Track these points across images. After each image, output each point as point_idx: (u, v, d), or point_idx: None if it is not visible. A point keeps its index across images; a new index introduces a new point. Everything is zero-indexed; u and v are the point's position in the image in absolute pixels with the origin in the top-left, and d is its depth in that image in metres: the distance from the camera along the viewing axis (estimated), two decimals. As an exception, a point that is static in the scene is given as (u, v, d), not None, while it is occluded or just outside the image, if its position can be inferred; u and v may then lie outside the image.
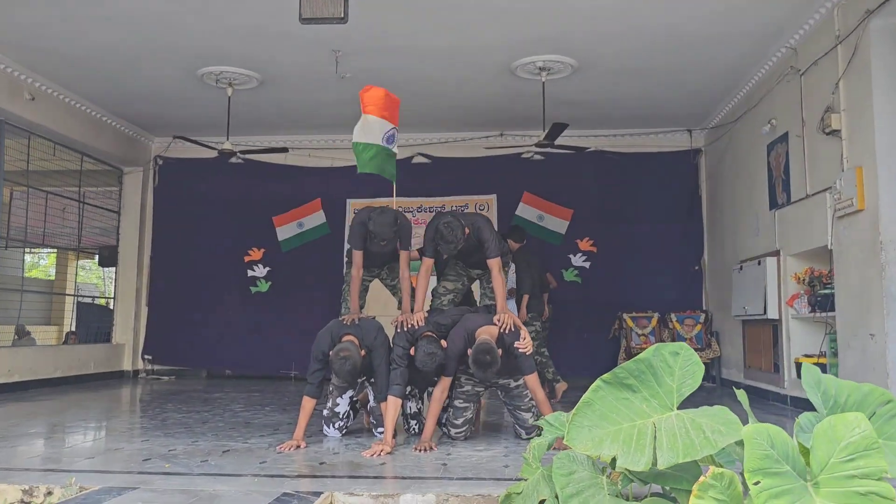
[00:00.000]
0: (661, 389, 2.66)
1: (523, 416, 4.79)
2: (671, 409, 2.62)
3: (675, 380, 2.67)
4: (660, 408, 2.64)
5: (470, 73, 7.59)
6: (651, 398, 2.66)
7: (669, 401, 2.64)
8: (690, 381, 2.64)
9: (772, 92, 7.14)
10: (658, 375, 2.68)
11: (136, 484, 3.30)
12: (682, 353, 2.70)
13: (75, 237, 9.81)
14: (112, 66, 7.46)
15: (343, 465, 3.80)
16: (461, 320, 4.60)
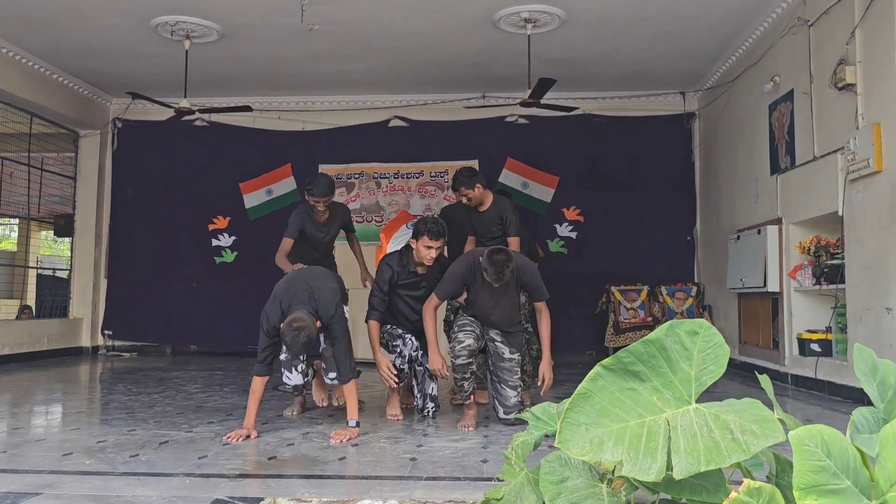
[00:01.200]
0: (676, 378, 2.12)
1: (507, 394, 4.36)
2: (688, 402, 2.08)
3: (694, 365, 2.12)
4: (674, 401, 2.10)
5: (449, 24, 6.98)
6: (663, 388, 2.12)
7: (686, 392, 2.10)
8: (713, 366, 2.10)
9: (775, 46, 6.60)
10: (672, 360, 2.13)
11: (40, 488, 2.75)
12: (703, 333, 2.15)
13: (30, 206, 9.14)
14: (56, 13, 6.76)
15: (295, 462, 3.26)
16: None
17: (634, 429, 2.08)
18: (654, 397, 2.13)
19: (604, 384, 2.17)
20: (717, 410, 2.03)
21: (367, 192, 9.40)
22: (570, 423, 2.11)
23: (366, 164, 9.41)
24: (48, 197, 9.56)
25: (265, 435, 3.88)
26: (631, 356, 2.17)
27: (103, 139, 9.63)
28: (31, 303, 11.20)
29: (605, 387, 2.17)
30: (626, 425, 2.09)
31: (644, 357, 2.15)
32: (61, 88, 8.66)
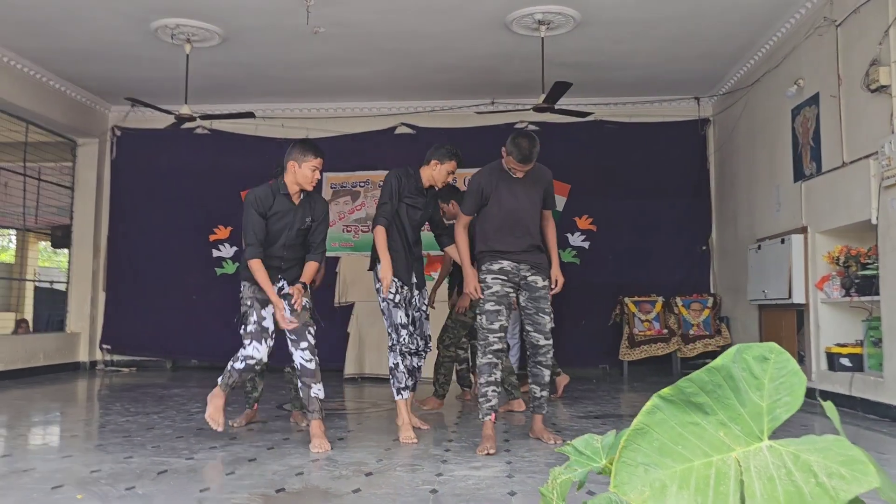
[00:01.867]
0: (745, 410, 1.84)
1: (543, 320, 4.24)
2: (760, 439, 1.82)
3: (765, 396, 1.85)
4: (744, 437, 1.83)
5: (459, 26, 6.74)
6: (731, 423, 1.84)
7: (758, 427, 1.82)
8: (788, 397, 1.81)
9: (798, 48, 6.35)
10: (740, 390, 1.86)
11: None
12: (774, 359, 1.87)
13: (27, 217, 8.89)
14: (51, 16, 6.53)
15: (306, 496, 2.99)
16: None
17: (700, 470, 1.80)
18: (720, 433, 1.85)
19: (663, 418, 1.89)
20: (795, 449, 1.74)
21: (373, 200, 9.14)
22: (627, 463, 1.83)
23: (372, 172, 9.15)
24: (45, 207, 9.32)
25: (272, 462, 3.60)
26: (693, 386, 1.89)
27: (101, 148, 9.39)
28: (28, 316, 10.93)
29: (664, 421, 1.89)
30: (690, 466, 1.81)
31: (708, 387, 1.87)
32: (58, 95, 8.42)
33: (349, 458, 3.70)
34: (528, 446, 4.06)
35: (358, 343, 7.84)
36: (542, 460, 3.66)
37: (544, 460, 3.66)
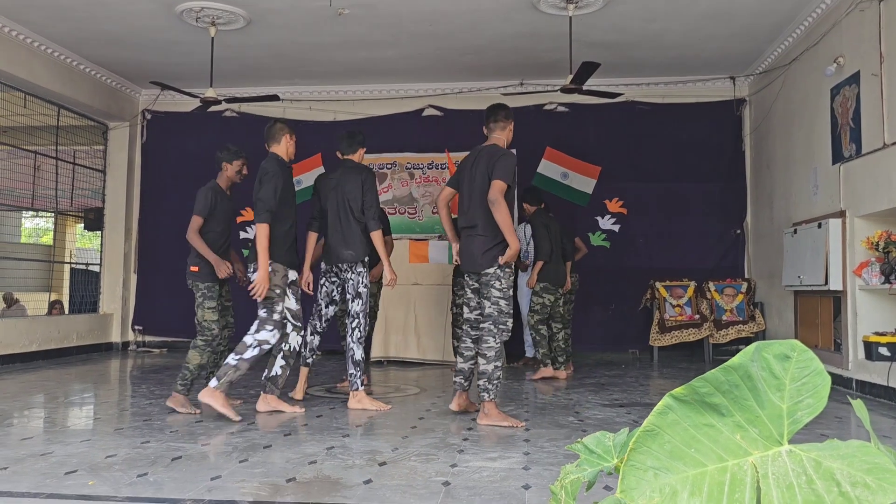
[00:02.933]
0: (764, 412, 1.73)
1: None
2: (780, 443, 1.71)
3: (786, 398, 1.73)
4: (762, 440, 1.72)
5: (486, 6, 6.59)
6: (748, 425, 1.73)
7: (777, 430, 1.71)
8: (810, 399, 1.70)
9: (839, 25, 6.09)
10: (759, 391, 1.74)
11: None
12: (796, 357, 1.75)
13: (63, 199, 9.02)
14: (79, 1, 6.54)
15: (316, 486, 2.95)
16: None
17: (714, 475, 1.70)
18: (737, 436, 1.74)
19: (675, 419, 1.78)
20: (817, 455, 1.63)
21: (400, 182, 9.09)
22: (635, 466, 1.74)
23: (398, 154, 9.09)
24: (79, 190, 9.43)
25: (286, 450, 3.57)
26: (708, 385, 1.77)
27: (132, 131, 9.46)
28: (64, 297, 11.11)
29: (676, 422, 1.78)
30: (704, 471, 1.71)
31: (724, 387, 1.76)
32: (89, 79, 8.48)
33: (364, 447, 3.66)
34: (548, 436, 3.98)
35: (385, 327, 7.80)
36: (561, 451, 3.58)
37: (563, 451, 3.58)
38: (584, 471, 2.19)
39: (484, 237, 4.40)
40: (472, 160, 4.55)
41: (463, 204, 4.56)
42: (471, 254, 4.46)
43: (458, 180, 4.61)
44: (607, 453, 2.29)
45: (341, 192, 4.97)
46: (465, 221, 4.51)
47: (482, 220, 4.41)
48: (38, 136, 8.79)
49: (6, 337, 7.33)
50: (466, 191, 4.51)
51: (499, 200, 4.25)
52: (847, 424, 4.50)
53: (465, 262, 4.53)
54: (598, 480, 2.06)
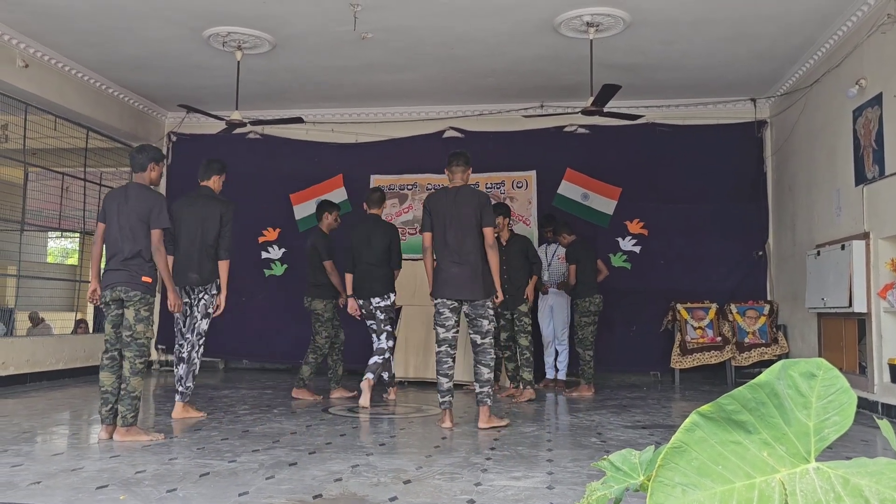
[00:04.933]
0: (791, 430, 1.75)
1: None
2: (806, 460, 1.72)
3: (812, 415, 1.75)
4: (789, 458, 1.73)
5: (507, 30, 6.68)
6: (775, 443, 1.75)
7: (804, 447, 1.73)
8: (837, 417, 1.72)
9: (860, 47, 6.11)
10: (785, 409, 1.76)
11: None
12: (822, 376, 1.77)
13: (90, 220, 9.17)
14: (109, 26, 6.72)
15: (342, 502, 2.98)
16: None
17: (742, 492, 1.72)
18: (763, 453, 1.76)
19: (702, 436, 1.81)
20: (845, 472, 1.65)
21: (420, 203, 9.15)
22: (664, 482, 1.76)
23: (419, 176, 9.17)
24: (104, 211, 9.58)
25: (312, 467, 3.61)
26: (735, 403, 1.80)
27: (158, 153, 9.61)
28: (88, 317, 11.26)
29: (703, 439, 1.81)
30: (731, 487, 1.73)
31: (751, 404, 1.78)
32: (116, 102, 8.67)
33: (389, 465, 3.69)
34: (571, 456, 3.98)
35: (405, 347, 7.83)
36: (584, 471, 3.58)
37: (587, 471, 3.58)
38: (611, 487, 2.21)
39: (479, 271, 4.98)
40: (450, 200, 5.05)
41: (448, 238, 5.00)
42: (465, 282, 4.95)
43: (434, 220, 5.08)
44: (633, 470, 2.32)
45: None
46: (455, 255, 4.97)
47: (476, 256, 4.98)
48: (67, 157, 8.97)
49: (34, 355, 7.45)
50: (454, 226, 4.99)
51: (494, 247, 5.01)
52: (873, 447, 4.46)
53: (456, 290, 4.97)
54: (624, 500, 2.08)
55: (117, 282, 4.42)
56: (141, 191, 4.57)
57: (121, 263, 4.43)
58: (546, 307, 7.78)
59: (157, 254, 4.48)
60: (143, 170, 4.65)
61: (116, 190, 4.73)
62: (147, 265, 4.48)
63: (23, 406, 5.79)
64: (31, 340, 7.71)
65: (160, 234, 4.50)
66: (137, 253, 4.44)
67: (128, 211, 4.48)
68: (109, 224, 4.55)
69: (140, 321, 4.42)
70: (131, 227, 4.45)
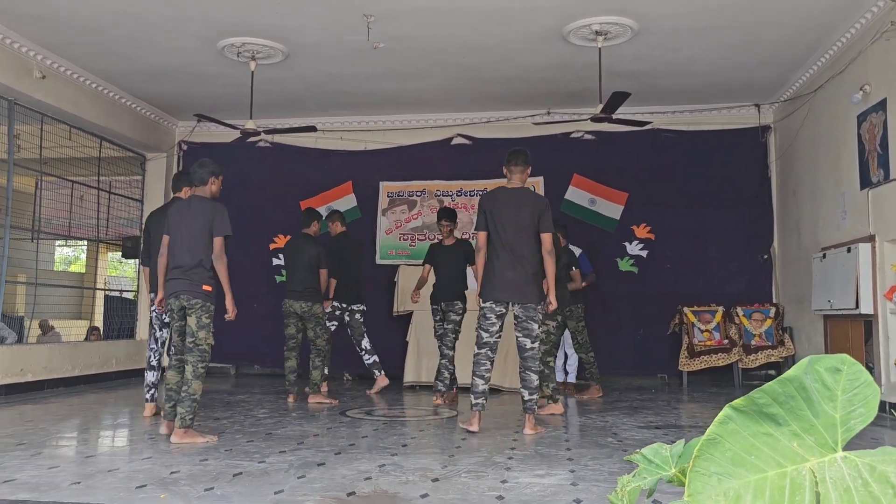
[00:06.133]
0: (819, 421, 1.86)
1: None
2: (834, 450, 1.83)
3: (839, 408, 1.85)
4: (818, 447, 1.84)
5: (517, 39, 6.81)
6: (804, 434, 1.85)
7: (832, 437, 1.83)
8: (862, 408, 1.82)
9: (864, 53, 6.24)
10: (813, 401, 1.87)
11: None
12: (846, 370, 1.87)
13: (101, 228, 9.30)
14: (124, 37, 6.85)
15: (376, 499, 3.08)
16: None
17: (775, 480, 1.82)
18: (793, 443, 1.87)
19: (735, 428, 1.91)
20: (871, 461, 1.75)
21: (430, 209, 9.27)
22: (700, 473, 1.87)
23: (428, 182, 9.29)
24: (116, 220, 9.70)
25: (340, 467, 3.71)
26: (766, 396, 1.90)
27: (169, 162, 9.74)
28: (98, 324, 11.35)
29: (736, 431, 1.91)
30: (764, 476, 1.83)
31: (781, 398, 1.89)
32: (128, 112, 8.79)
33: (415, 464, 3.79)
34: (590, 455, 4.09)
35: (416, 352, 7.93)
36: (605, 469, 3.69)
37: (608, 469, 3.69)
38: (643, 479, 2.32)
39: (535, 275, 4.90)
40: (507, 201, 4.97)
41: (504, 239, 4.89)
42: (519, 286, 4.85)
43: (490, 220, 4.97)
44: (665, 463, 2.43)
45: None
46: (510, 255, 4.87)
47: (532, 260, 4.89)
48: (80, 166, 9.09)
49: (51, 362, 7.54)
50: (512, 228, 4.89)
51: (552, 253, 4.93)
52: (882, 444, 4.56)
53: (509, 294, 4.88)
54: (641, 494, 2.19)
55: (180, 290, 4.65)
56: (202, 202, 4.80)
57: (183, 273, 4.66)
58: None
59: (218, 262, 4.69)
60: (205, 183, 4.89)
61: (180, 203, 4.99)
62: (207, 274, 4.68)
63: (44, 411, 5.88)
64: (48, 347, 7.80)
65: (222, 242, 4.71)
66: (199, 262, 4.65)
67: (190, 222, 4.72)
68: (172, 235, 4.79)
69: (202, 328, 4.65)
70: (193, 238, 4.69)
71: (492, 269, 4.93)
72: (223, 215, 4.74)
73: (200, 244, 4.69)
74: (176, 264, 4.73)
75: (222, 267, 4.71)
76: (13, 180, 7.42)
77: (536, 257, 4.92)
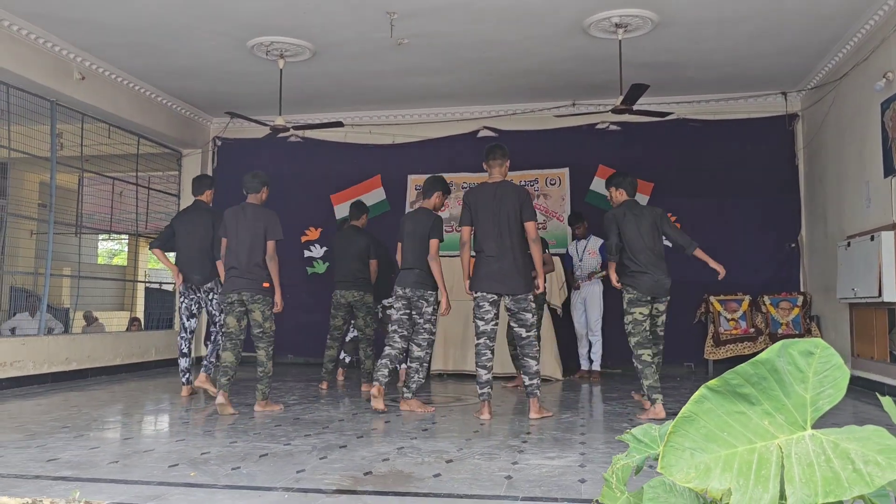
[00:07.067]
0: (790, 401, 1.98)
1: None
2: (803, 428, 1.95)
3: (809, 389, 1.97)
4: (787, 426, 1.96)
5: (539, 32, 6.91)
6: (775, 412, 1.98)
7: (801, 417, 1.95)
8: (831, 390, 1.94)
9: (887, 41, 6.21)
10: (785, 383, 1.99)
11: (149, 499, 2.85)
12: (819, 354, 1.99)
13: (140, 222, 9.65)
14: (159, 38, 7.11)
15: (391, 478, 3.27)
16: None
17: (744, 455, 1.96)
18: (765, 422, 2.00)
19: (710, 407, 2.05)
20: (835, 438, 1.88)
21: (457, 201, 9.41)
22: (674, 447, 2.01)
23: (455, 175, 9.42)
24: (154, 214, 10.05)
25: (361, 449, 3.91)
26: (739, 378, 2.04)
27: (204, 157, 10.05)
28: (139, 315, 11.76)
29: (711, 410, 2.05)
30: (734, 451, 1.97)
31: (754, 379, 2.02)
32: (164, 110, 9.10)
33: (432, 447, 3.97)
34: (603, 440, 4.22)
35: (444, 341, 8.10)
36: (615, 452, 3.82)
37: (618, 452, 3.81)
38: (633, 458, 2.47)
39: (522, 265, 5.08)
40: (490, 195, 5.16)
41: (489, 232, 5.10)
42: (506, 277, 5.04)
43: (475, 215, 5.19)
44: (653, 442, 2.58)
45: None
46: (498, 249, 5.06)
47: (517, 250, 5.07)
48: (119, 163, 9.44)
49: (94, 352, 7.90)
50: (494, 222, 5.08)
51: (538, 241, 5.14)
52: None
53: (497, 284, 5.07)
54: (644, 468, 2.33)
55: (241, 287, 5.31)
56: (257, 209, 5.49)
57: (243, 272, 5.30)
58: (579, 300, 8.00)
59: (272, 262, 5.36)
60: (258, 192, 5.58)
61: (235, 208, 5.54)
62: (264, 273, 5.34)
63: (88, 398, 6.20)
64: (91, 338, 8.16)
65: (274, 245, 5.39)
66: (256, 263, 5.31)
67: (247, 226, 5.36)
68: (230, 238, 5.41)
69: (266, 319, 5.43)
70: (251, 241, 5.33)
71: (480, 262, 5.16)
72: (276, 221, 5.43)
73: (258, 246, 5.33)
74: (234, 264, 5.35)
75: (275, 266, 5.40)
76: (56, 178, 7.76)
77: (523, 247, 5.09)
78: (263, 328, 5.41)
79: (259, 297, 5.34)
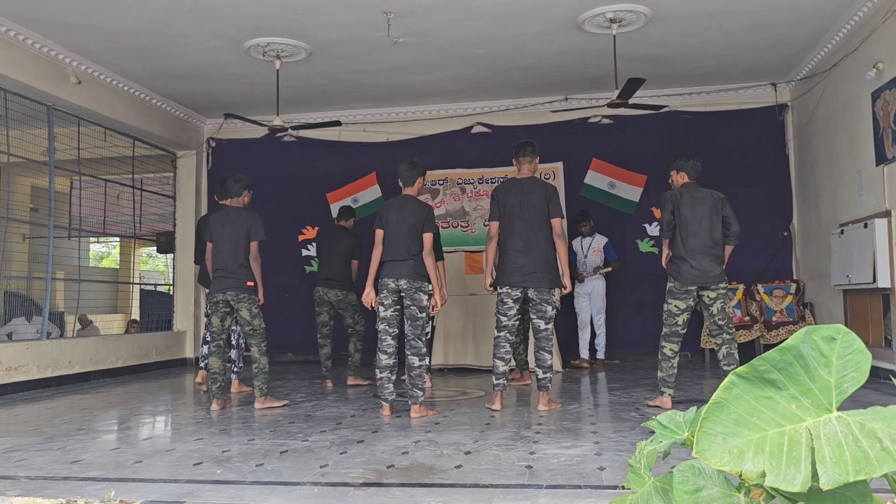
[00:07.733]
0: (815, 385, 2.07)
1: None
2: (829, 411, 2.04)
3: (833, 373, 2.07)
4: (814, 409, 2.05)
5: (533, 29, 6.98)
6: (801, 396, 2.07)
7: (827, 400, 2.04)
8: (854, 373, 2.02)
9: (877, 31, 6.33)
10: (810, 367, 2.08)
11: (181, 496, 2.91)
12: (841, 339, 2.08)
13: (135, 225, 9.65)
14: (156, 41, 7.12)
15: (414, 470, 3.34)
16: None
17: (774, 438, 2.04)
18: (792, 406, 2.09)
19: (739, 393, 2.14)
20: (861, 419, 1.97)
21: (452, 197, 9.49)
22: (707, 433, 2.09)
23: (450, 171, 9.50)
24: (149, 216, 10.04)
25: (378, 443, 3.98)
26: (766, 364, 2.12)
27: (199, 158, 10.05)
28: (137, 317, 11.74)
29: (740, 395, 2.13)
30: (765, 434, 2.05)
31: (780, 365, 2.11)
32: (159, 112, 9.09)
33: (448, 440, 4.04)
34: (614, 428, 4.31)
35: (443, 335, 8.18)
36: (627, 440, 3.91)
37: (630, 440, 3.91)
38: (660, 443, 2.55)
39: (548, 260, 5.13)
40: (518, 190, 5.24)
41: (517, 228, 5.16)
42: (533, 271, 5.08)
43: (503, 210, 5.25)
44: (679, 428, 2.66)
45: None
46: (523, 243, 5.11)
47: (545, 246, 5.13)
48: (113, 165, 9.43)
49: (96, 354, 7.91)
50: (521, 217, 5.15)
51: (563, 237, 5.20)
52: None
53: (524, 279, 5.09)
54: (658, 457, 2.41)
55: (227, 287, 5.47)
56: (240, 213, 5.70)
57: (229, 273, 5.48)
58: (584, 293, 8.19)
59: (254, 262, 5.52)
60: (239, 195, 5.79)
61: (219, 213, 5.78)
62: (248, 272, 5.51)
63: (95, 400, 6.22)
64: (93, 341, 8.17)
65: (258, 245, 5.56)
66: (241, 264, 5.49)
67: (231, 229, 5.55)
68: (216, 242, 5.61)
69: (254, 316, 5.58)
70: (235, 243, 5.52)
71: (506, 257, 5.19)
72: (258, 223, 5.62)
73: (241, 248, 5.51)
74: (220, 266, 5.54)
75: (257, 266, 5.59)
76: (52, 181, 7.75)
77: (549, 243, 5.15)
78: (253, 325, 5.58)
79: (244, 296, 5.52)
